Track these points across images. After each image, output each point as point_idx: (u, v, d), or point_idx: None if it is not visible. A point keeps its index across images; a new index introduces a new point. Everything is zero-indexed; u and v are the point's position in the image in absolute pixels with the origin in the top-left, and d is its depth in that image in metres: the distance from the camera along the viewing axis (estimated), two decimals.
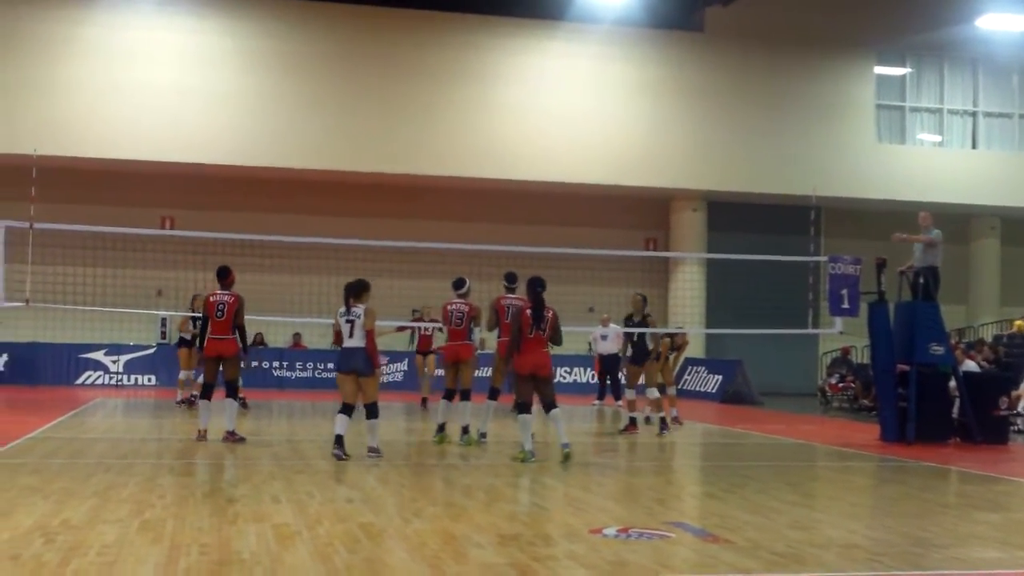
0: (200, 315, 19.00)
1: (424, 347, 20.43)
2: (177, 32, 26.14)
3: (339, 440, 11.86)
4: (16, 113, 24.91)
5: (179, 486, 9.59)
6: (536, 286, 12.19)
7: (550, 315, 12.11)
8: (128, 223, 22.22)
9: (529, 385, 12.18)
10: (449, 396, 14.27)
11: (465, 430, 13.85)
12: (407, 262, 24.82)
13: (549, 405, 12.17)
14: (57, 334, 25.38)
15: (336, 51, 26.78)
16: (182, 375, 19.35)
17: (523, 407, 12.21)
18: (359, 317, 11.95)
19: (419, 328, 20.16)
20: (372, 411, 12.07)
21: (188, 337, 19.30)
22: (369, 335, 11.97)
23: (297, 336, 27.90)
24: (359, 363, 11.93)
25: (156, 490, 9.30)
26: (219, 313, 13.44)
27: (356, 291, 12.15)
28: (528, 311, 12.11)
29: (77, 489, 9.17)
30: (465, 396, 14.08)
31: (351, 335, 11.97)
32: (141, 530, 7.41)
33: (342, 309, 12.08)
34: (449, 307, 14.27)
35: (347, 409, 12.00)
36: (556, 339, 12.27)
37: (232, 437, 13.31)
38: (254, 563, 6.46)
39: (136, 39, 25.87)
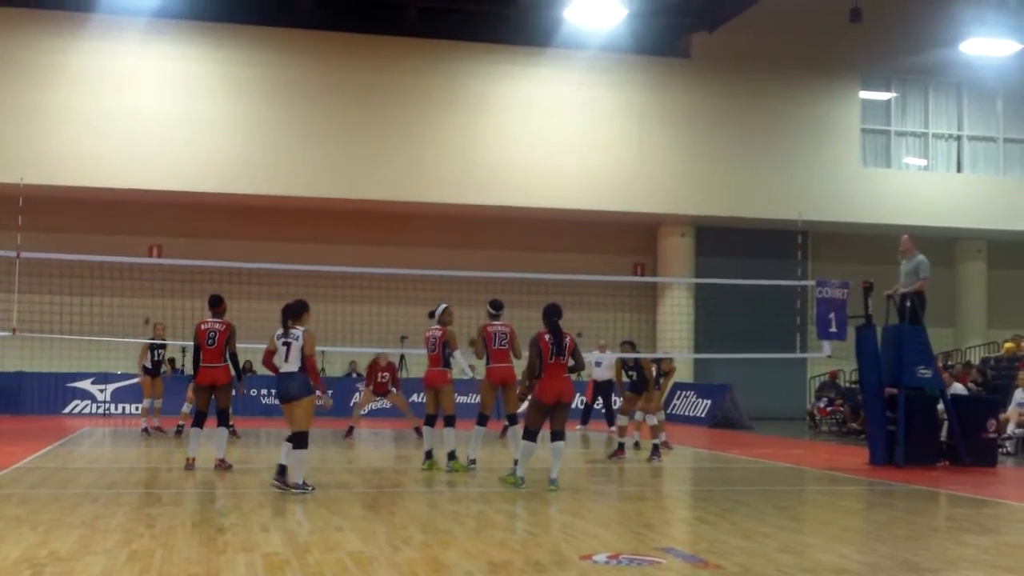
0: (158, 343, 19.30)
1: (380, 391, 19.64)
2: (165, 60, 26.18)
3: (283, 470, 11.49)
4: (2, 141, 24.89)
5: (167, 516, 9.54)
6: (553, 314, 12.13)
7: (569, 340, 12.05)
8: (115, 252, 22.20)
9: (545, 414, 12.05)
10: (430, 422, 14.22)
11: (451, 456, 13.81)
12: (395, 289, 24.80)
13: (557, 435, 12.04)
14: (44, 363, 25.30)
15: (323, 79, 26.84)
16: (145, 403, 19.67)
17: (530, 435, 12.09)
18: (296, 339, 11.49)
19: (378, 375, 19.72)
20: (297, 440, 11.35)
21: (149, 366, 19.44)
22: (309, 361, 11.59)
23: None
24: (292, 387, 11.42)
25: (144, 520, 9.25)
26: (210, 341, 13.42)
27: (296, 312, 11.69)
28: (546, 336, 12.00)
29: (64, 519, 9.12)
30: (449, 422, 14.02)
31: (286, 359, 11.49)
32: (129, 561, 7.37)
33: (279, 331, 11.61)
34: (426, 334, 14.31)
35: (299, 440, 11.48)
36: (578, 365, 12.17)
37: (223, 465, 13.28)
38: None
39: (123, 67, 25.89)
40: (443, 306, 14.32)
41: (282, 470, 11.50)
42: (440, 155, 27.10)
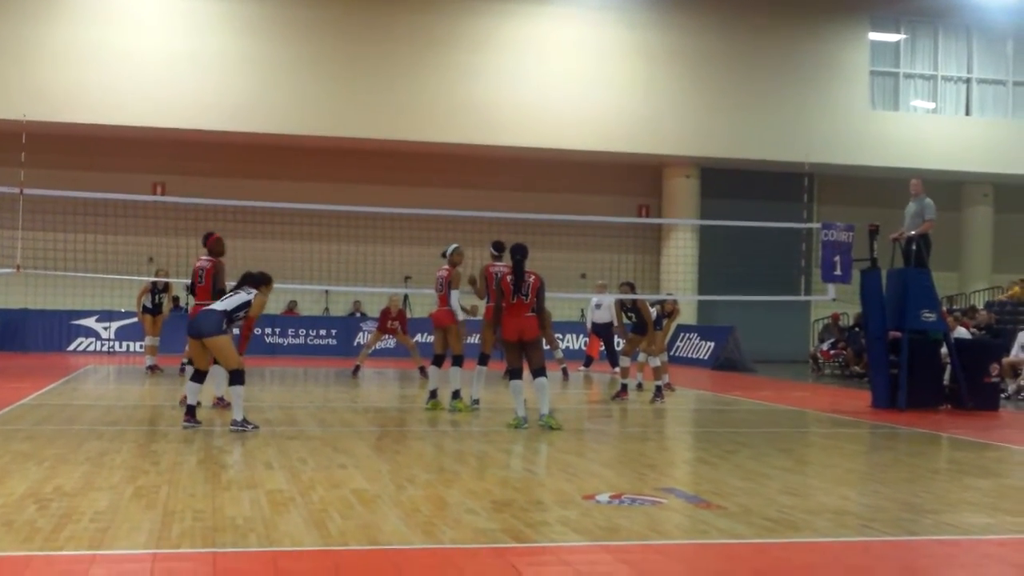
0: (160, 285, 19.44)
1: (389, 332, 20.27)
2: None
3: (191, 411, 11.43)
4: (5, 78, 24.76)
5: (172, 452, 9.58)
6: (516, 253, 12.26)
7: (532, 280, 12.14)
8: (119, 189, 22.17)
9: (518, 352, 12.23)
10: (437, 361, 14.24)
11: (455, 395, 13.86)
12: (398, 228, 24.81)
13: (536, 372, 12.16)
14: (48, 300, 25.37)
15: (328, 16, 26.61)
16: (147, 340, 19.78)
17: (514, 373, 12.27)
18: (249, 294, 11.45)
19: (388, 322, 20.02)
20: (233, 377, 11.28)
21: (149, 304, 19.54)
22: (250, 322, 11.58)
23: (292, 303, 27.88)
24: (206, 325, 11.22)
25: (149, 456, 9.30)
26: (200, 279, 13.43)
27: (258, 282, 11.65)
28: (508, 277, 12.19)
29: (70, 456, 9.17)
30: (456, 362, 14.04)
31: (223, 300, 11.52)
32: (134, 497, 7.41)
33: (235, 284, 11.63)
34: (436, 274, 14.31)
35: (197, 376, 11.46)
36: (538, 306, 12.21)
37: (221, 403, 13.28)
38: (248, 529, 6.47)
39: (126, 2, 25.69)
40: (453, 246, 14.28)
41: (191, 410, 11.44)
42: (445, 94, 26.92)
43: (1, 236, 16.29)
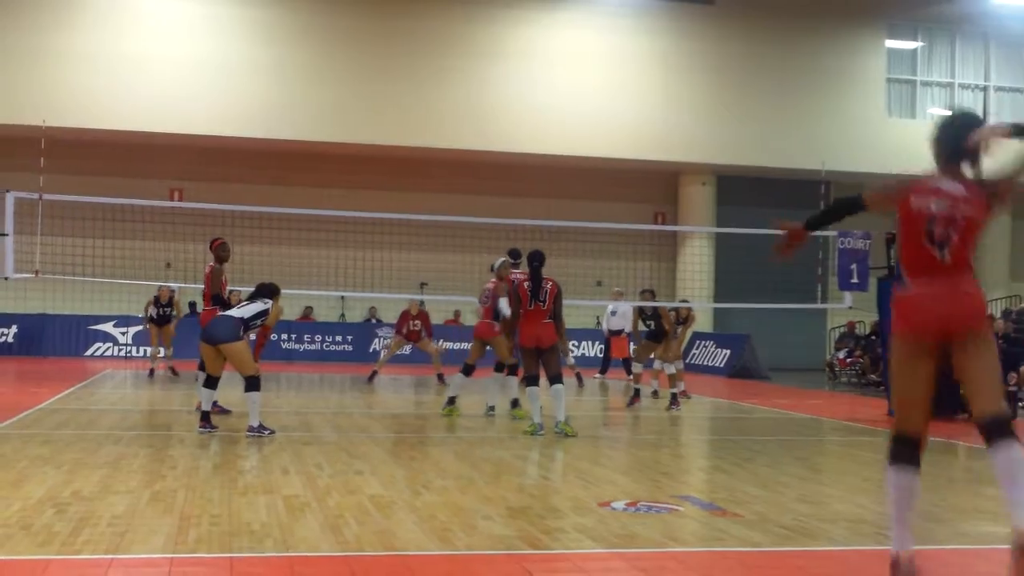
0: (162, 302, 20.15)
1: (413, 338, 20.11)
2: (187, 2, 26.06)
3: (205, 416, 11.54)
4: (25, 83, 24.87)
5: (189, 457, 9.63)
6: (533, 259, 12.25)
7: (549, 286, 12.15)
8: (137, 195, 22.26)
9: (534, 358, 12.23)
10: (467, 371, 14.28)
11: (514, 403, 14.12)
12: (414, 235, 24.85)
13: (553, 379, 12.19)
14: (66, 305, 25.48)
15: (345, 23, 26.67)
16: (151, 349, 20.63)
17: (531, 380, 12.27)
18: (267, 304, 11.64)
19: (409, 323, 20.01)
20: (249, 384, 11.36)
21: (155, 316, 20.26)
22: (267, 330, 11.75)
23: (308, 309, 27.94)
24: (217, 331, 11.40)
25: (166, 461, 9.35)
26: (204, 286, 13.47)
27: (271, 293, 11.87)
28: (525, 284, 12.19)
29: (87, 460, 9.22)
30: (511, 371, 14.33)
31: (240, 307, 11.78)
32: (152, 501, 7.45)
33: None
34: (483, 286, 14.49)
35: (210, 382, 11.60)
36: (555, 313, 12.20)
37: (215, 408, 13.10)
38: (264, 534, 6.49)
39: (146, 9, 25.80)
40: (501, 260, 14.40)
41: (206, 416, 11.57)
42: (460, 101, 26.94)
43: (20, 241, 16.35)
